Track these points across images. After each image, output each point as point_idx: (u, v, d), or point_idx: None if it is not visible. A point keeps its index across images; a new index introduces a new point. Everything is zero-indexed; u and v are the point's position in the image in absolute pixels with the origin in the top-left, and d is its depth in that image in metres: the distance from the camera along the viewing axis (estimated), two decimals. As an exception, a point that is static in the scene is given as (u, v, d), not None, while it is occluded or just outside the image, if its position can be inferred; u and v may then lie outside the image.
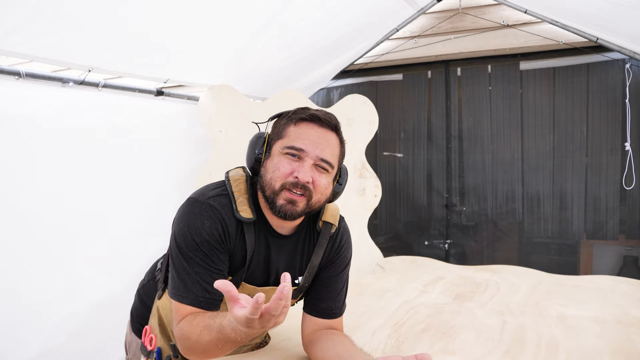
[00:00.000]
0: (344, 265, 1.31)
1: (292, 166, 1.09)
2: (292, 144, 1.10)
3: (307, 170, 1.09)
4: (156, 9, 1.85)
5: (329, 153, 1.12)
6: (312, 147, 1.10)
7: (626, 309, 1.74)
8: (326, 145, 1.12)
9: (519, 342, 1.42)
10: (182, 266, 1.09)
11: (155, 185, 2.45)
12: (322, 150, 1.11)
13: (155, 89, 2.43)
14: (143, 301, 1.39)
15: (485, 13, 2.99)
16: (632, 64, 2.72)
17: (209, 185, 1.19)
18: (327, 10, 2.40)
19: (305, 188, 1.09)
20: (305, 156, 1.09)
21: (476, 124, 3.18)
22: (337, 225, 1.27)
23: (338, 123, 1.16)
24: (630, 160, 2.74)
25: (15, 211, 1.86)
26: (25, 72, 1.83)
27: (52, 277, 1.99)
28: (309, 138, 1.10)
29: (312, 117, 1.12)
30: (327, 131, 1.13)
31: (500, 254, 3.14)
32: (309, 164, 1.09)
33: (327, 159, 1.11)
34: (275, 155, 1.12)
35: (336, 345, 1.16)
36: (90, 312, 2.14)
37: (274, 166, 1.11)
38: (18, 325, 1.87)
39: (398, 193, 3.43)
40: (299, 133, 1.11)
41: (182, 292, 1.08)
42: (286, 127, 1.14)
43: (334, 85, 3.54)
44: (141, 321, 1.38)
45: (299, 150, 1.09)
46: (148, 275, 1.42)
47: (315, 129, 1.12)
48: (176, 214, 1.14)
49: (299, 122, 1.12)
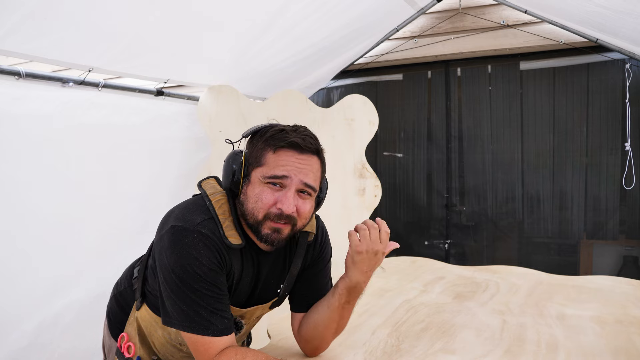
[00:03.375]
0: (326, 261, 1.32)
1: (274, 196, 1.06)
2: (273, 173, 1.06)
3: (291, 201, 1.06)
4: (156, 9, 1.85)
5: (312, 178, 1.09)
6: (295, 172, 1.06)
7: (626, 309, 1.74)
8: (309, 170, 1.09)
9: (519, 342, 1.42)
10: (189, 299, 1.04)
11: (155, 185, 2.45)
12: (305, 175, 1.08)
13: (155, 89, 2.43)
14: (121, 307, 1.35)
15: (485, 13, 2.99)
16: (632, 64, 2.72)
17: (187, 207, 1.13)
18: (327, 10, 2.40)
19: (290, 218, 1.07)
20: (288, 183, 1.06)
21: (476, 124, 3.18)
22: (315, 231, 1.27)
23: (319, 145, 1.12)
24: (630, 160, 2.74)
25: (16, 211, 1.86)
26: (25, 72, 1.83)
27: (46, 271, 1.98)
28: (290, 164, 1.06)
29: (291, 145, 1.07)
30: (309, 156, 1.09)
31: (500, 254, 3.14)
32: (292, 192, 1.06)
33: (310, 184, 1.09)
34: (256, 184, 1.08)
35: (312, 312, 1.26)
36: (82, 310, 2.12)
37: (255, 196, 1.07)
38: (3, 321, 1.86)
39: (398, 193, 3.43)
40: (279, 160, 1.07)
41: (201, 325, 1.04)
42: (264, 153, 1.09)
43: (334, 85, 3.54)
44: (119, 326, 1.34)
45: (281, 178, 1.06)
46: (124, 282, 1.36)
47: (296, 156, 1.08)
48: (161, 242, 1.08)
49: (278, 150, 1.07)
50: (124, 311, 1.34)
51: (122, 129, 2.26)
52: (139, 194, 2.37)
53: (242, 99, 2.60)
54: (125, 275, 1.39)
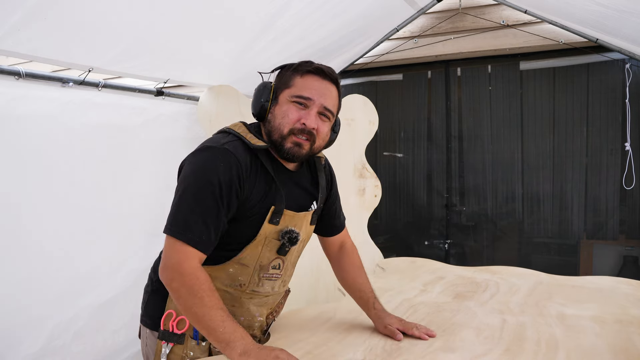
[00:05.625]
0: (337, 192, 1.54)
1: (299, 114, 1.22)
2: (299, 93, 1.22)
3: (313, 118, 1.22)
4: (156, 9, 1.85)
5: (331, 103, 1.26)
6: (318, 96, 1.22)
7: (626, 309, 1.74)
8: (329, 95, 1.25)
9: (518, 341, 1.42)
10: (187, 204, 1.14)
11: (155, 185, 2.45)
12: (325, 99, 1.24)
13: (155, 89, 2.44)
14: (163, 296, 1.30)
15: (485, 13, 2.99)
16: (632, 64, 2.72)
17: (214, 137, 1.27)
18: (327, 10, 2.40)
19: (311, 134, 1.22)
20: (311, 104, 1.22)
21: (476, 124, 3.18)
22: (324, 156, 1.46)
23: (338, 77, 1.30)
24: (630, 161, 2.74)
25: (16, 211, 1.86)
26: (25, 72, 1.83)
27: (53, 277, 1.99)
28: (314, 88, 1.23)
29: (317, 70, 1.24)
30: (330, 83, 1.26)
31: (500, 254, 3.13)
32: (315, 112, 1.23)
33: (329, 108, 1.25)
34: (284, 103, 1.24)
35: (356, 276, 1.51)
36: (94, 313, 2.13)
37: (282, 113, 1.23)
38: (18, 325, 1.87)
39: (398, 193, 3.43)
40: (305, 83, 1.23)
41: (181, 229, 1.12)
42: (292, 77, 1.25)
43: (334, 85, 3.54)
44: None
45: (306, 99, 1.22)
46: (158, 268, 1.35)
47: (320, 81, 1.24)
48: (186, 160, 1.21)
49: (305, 74, 1.24)
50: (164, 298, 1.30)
51: (122, 129, 2.27)
52: (139, 193, 2.37)
53: (242, 99, 2.60)
54: (156, 266, 1.37)
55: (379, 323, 1.42)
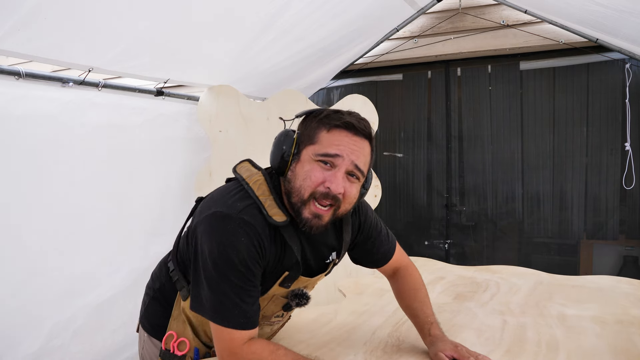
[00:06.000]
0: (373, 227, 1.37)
1: (324, 175, 1.06)
2: (325, 151, 1.06)
3: (340, 181, 1.06)
4: (156, 9, 1.85)
5: (362, 161, 1.09)
6: (348, 152, 1.06)
7: (626, 309, 1.74)
8: (360, 153, 1.09)
9: (519, 342, 1.42)
10: (218, 286, 1.05)
11: (155, 185, 2.45)
12: (357, 157, 1.07)
13: (155, 89, 2.43)
14: (162, 305, 1.31)
15: (485, 13, 2.99)
16: (632, 64, 2.72)
17: (228, 191, 1.12)
18: (327, 10, 2.40)
19: (336, 199, 1.06)
20: (339, 162, 1.06)
21: (476, 124, 3.18)
22: None
23: (372, 130, 1.13)
24: (630, 160, 2.74)
25: (15, 210, 1.86)
26: (25, 72, 1.83)
27: (52, 277, 1.98)
28: (343, 144, 1.07)
29: (346, 125, 1.07)
30: (361, 139, 1.09)
31: (500, 254, 3.13)
32: (342, 173, 1.06)
33: (360, 167, 1.09)
34: (306, 162, 1.08)
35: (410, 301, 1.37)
36: (93, 313, 2.13)
37: (304, 173, 1.07)
38: (17, 325, 1.86)
39: (398, 193, 3.43)
40: (333, 139, 1.07)
41: (222, 315, 1.05)
42: (317, 131, 1.09)
43: (334, 85, 3.54)
44: (164, 326, 1.30)
45: (333, 157, 1.06)
46: (160, 279, 1.33)
47: (350, 137, 1.08)
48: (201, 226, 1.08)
49: (332, 129, 1.08)
50: (165, 309, 1.30)
51: (122, 129, 2.26)
52: (140, 193, 2.37)
53: (242, 99, 2.60)
54: (159, 272, 1.36)
55: (431, 350, 1.28)
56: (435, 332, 1.30)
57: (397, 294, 1.43)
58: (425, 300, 1.37)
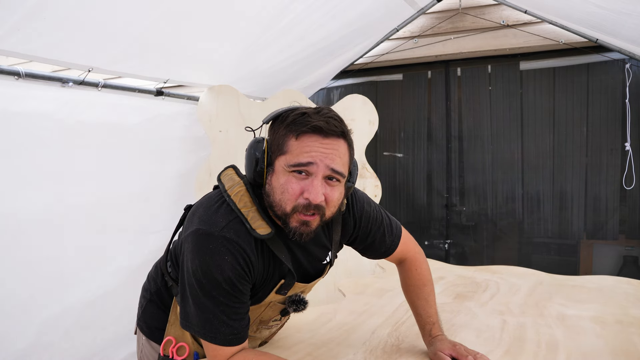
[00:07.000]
0: (372, 221, 1.30)
1: (300, 185, 1.00)
2: (297, 161, 0.99)
3: (318, 189, 0.99)
4: (156, 9, 1.85)
5: (339, 163, 1.02)
6: (321, 157, 0.99)
7: (626, 309, 1.74)
8: (335, 155, 1.01)
9: (519, 342, 1.42)
10: (204, 305, 1.03)
11: (154, 185, 2.45)
12: (331, 161, 1.00)
13: (155, 89, 2.43)
14: (159, 307, 1.31)
15: (485, 13, 2.99)
16: (632, 64, 2.72)
17: (211, 204, 1.07)
18: (327, 11, 2.40)
19: (318, 207, 1.00)
20: (314, 170, 0.99)
21: (476, 124, 3.18)
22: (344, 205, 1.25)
23: (344, 127, 1.04)
24: (630, 160, 2.74)
25: (15, 210, 1.86)
26: (25, 72, 1.83)
27: (45, 273, 1.98)
28: (314, 150, 0.99)
29: (315, 129, 0.99)
30: (334, 140, 1.01)
31: (500, 254, 3.13)
32: (319, 180, 0.99)
33: (337, 169, 1.01)
34: (281, 173, 1.02)
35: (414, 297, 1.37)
36: (83, 310, 2.12)
37: (281, 187, 1.01)
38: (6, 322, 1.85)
39: (398, 193, 3.43)
40: (303, 147, 0.99)
41: (210, 332, 1.03)
42: (286, 139, 1.02)
43: (334, 85, 3.54)
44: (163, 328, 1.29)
45: (306, 165, 0.99)
46: (156, 282, 1.32)
47: (320, 141, 1.00)
48: (186, 245, 1.05)
49: (301, 136, 1.00)
50: (162, 312, 1.30)
51: (121, 129, 2.26)
52: (139, 193, 2.37)
53: (242, 99, 2.60)
54: (154, 276, 1.35)
55: (430, 349, 1.28)
56: (436, 332, 1.30)
57: (402, 286, 1.42)
58: (429, 298, 1.35)
